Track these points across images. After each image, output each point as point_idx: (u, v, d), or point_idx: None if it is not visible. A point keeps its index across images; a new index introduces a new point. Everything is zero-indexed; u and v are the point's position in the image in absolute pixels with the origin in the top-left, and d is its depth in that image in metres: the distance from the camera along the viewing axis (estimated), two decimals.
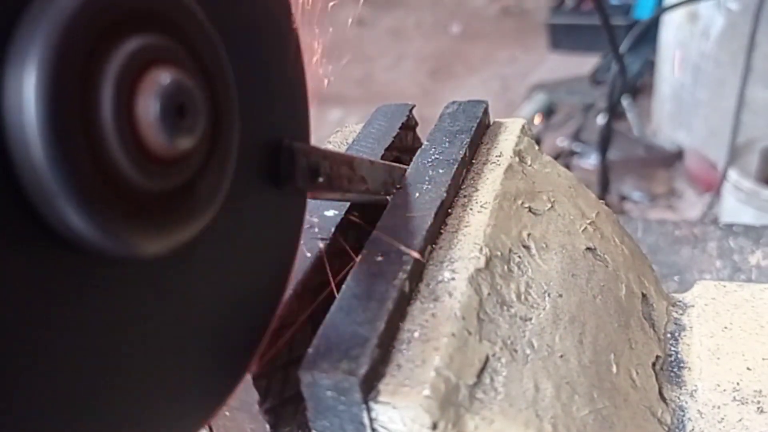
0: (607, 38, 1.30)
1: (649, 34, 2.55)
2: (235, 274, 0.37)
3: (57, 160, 0.23)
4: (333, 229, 0.49)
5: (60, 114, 0.23)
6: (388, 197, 0.50)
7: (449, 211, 0.50)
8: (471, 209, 0.50)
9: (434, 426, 0.36)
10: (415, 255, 0.43)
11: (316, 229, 0.49)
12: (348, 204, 0.51)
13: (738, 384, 0.50)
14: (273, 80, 0.39)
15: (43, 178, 0.23)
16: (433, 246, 0.47)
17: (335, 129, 0.65)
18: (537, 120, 2.62)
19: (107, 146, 0.25)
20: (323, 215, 0.50)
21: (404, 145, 0.60)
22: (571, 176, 0.60)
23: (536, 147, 0.60)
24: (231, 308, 0.37)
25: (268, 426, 0.41)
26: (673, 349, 0.55)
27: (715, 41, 2.08)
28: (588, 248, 0.54)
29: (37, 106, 0.23)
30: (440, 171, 0.52)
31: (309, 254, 0.47)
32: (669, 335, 0.56)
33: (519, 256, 0.48)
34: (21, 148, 0.23)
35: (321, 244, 0.48)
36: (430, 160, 0.54)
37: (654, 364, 0.52)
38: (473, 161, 0.56)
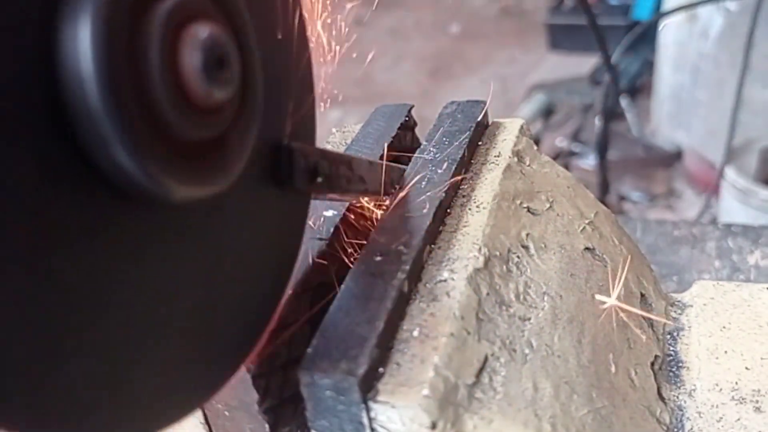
0: (606, 42, 1.29)
1: (648, 34, 2.55)
2: (238, 268, 0.37)
3: (110, 103, 0.25)
4: (332, 229, 0.49)
5: (113, 61, 0.25)
6: (387, 197, 0.50)
7: (448, 211, 0.50)
8: (470, 209, 0.50)
9: (433, 425, 0.36)
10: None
11: (316, 229, 0.49)
12: (347, 204, 0.51)
13: (736, 383, 0.51)
14: (278, 79, 0.39)
15: (96, 120, 0.26)
16: (432, 246, 0.47)
17: (334, 129, 0.65)
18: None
19: (154, 93, 0.27)
20: (322, 215, 0.50)
21: (403, 145, 0.60)
22: (570, 176, 0.60)
23: (535, 147, 0.60)
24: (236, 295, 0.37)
25: (267, 426, 0.41)
26: (671, 348, 0.55)
27: (714, 41, 2.08)
28: (587, 248, 0.55)
29: (93, 55, 0.25)
30: (439, 171, 0.52)
31: (308, 254, 0.47)
32: (668, 335, 0.56)
33: (518, 256, 0.48)
34: (76, 94, 0.25)
35: (320, 244, 0.48)
36: (428, 160, 0.54)
37: (653, 364, 0.52)
38: (472, 161, 0.56)
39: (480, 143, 0.58)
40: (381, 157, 0.55)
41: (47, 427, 0.26)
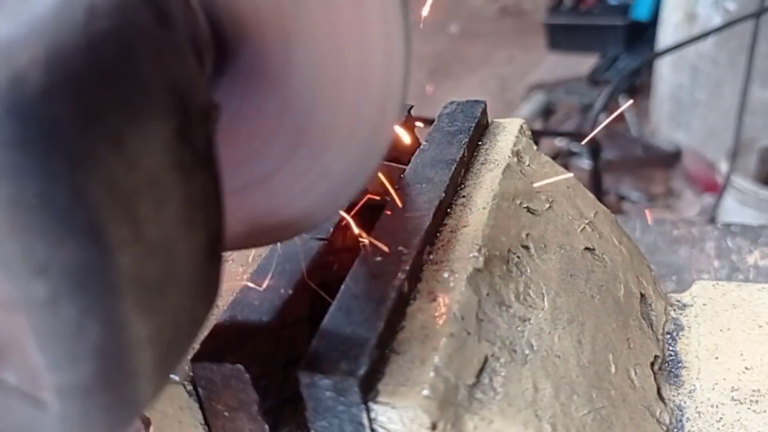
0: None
1: (647, 34, 2.55)
2: None
3: None
4: (331, 230, 0.49)
5: None
6: (386, 197, 0.50)
7: (448, 211, 0.50)
8: (469, 209, 0.50)
9: (433, 426, 0.36)
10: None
11: (315, 229, 0.49)
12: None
13: (736, 383, 0.51)
14: None
15: None
16: (432, 246, 0.47)
17: None
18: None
19: None
20: None
21: (403, 145, 0.60)
22: (570, 176, 0.60)
23: (534, 147, 0.60)
24: None
25: (267, 426, 0.41)
26: (671, 348, 0.55)
27: (713, 41, 2.08)
28: (586, 248, 0.54)
29: None
30: (438, 171, 0.52)
31: (308, 255, 0.47)
32: (667, 335, 0.56)
33: (518, 257, 0.48)
34: None
35: (319, 244, 0.48)
36: (428, 160, 0.54)
37: (652, 364, 0.52)
38: (471, 161, 0.56)
39: (480, 143, 0.58)
40: None
41: None
